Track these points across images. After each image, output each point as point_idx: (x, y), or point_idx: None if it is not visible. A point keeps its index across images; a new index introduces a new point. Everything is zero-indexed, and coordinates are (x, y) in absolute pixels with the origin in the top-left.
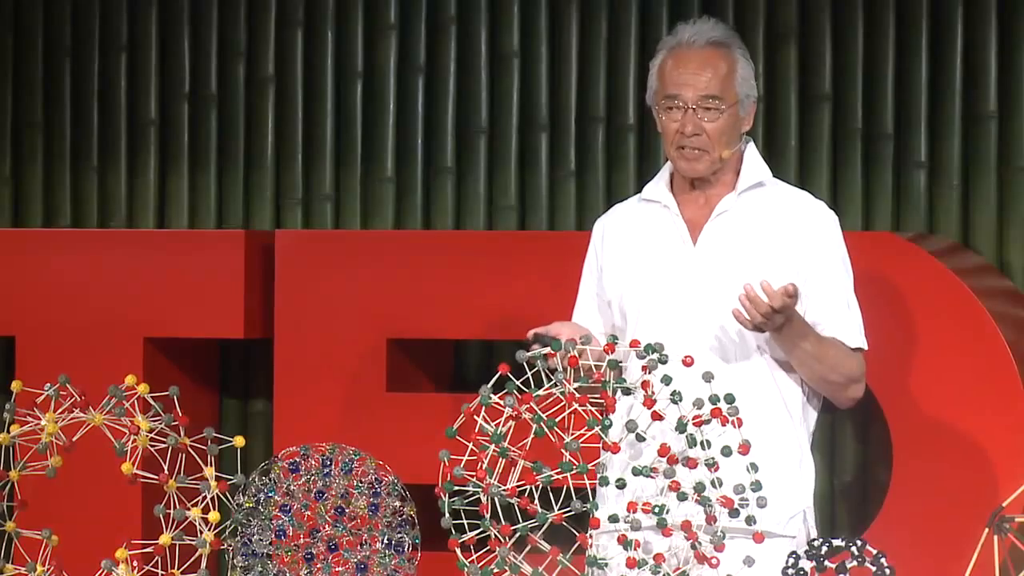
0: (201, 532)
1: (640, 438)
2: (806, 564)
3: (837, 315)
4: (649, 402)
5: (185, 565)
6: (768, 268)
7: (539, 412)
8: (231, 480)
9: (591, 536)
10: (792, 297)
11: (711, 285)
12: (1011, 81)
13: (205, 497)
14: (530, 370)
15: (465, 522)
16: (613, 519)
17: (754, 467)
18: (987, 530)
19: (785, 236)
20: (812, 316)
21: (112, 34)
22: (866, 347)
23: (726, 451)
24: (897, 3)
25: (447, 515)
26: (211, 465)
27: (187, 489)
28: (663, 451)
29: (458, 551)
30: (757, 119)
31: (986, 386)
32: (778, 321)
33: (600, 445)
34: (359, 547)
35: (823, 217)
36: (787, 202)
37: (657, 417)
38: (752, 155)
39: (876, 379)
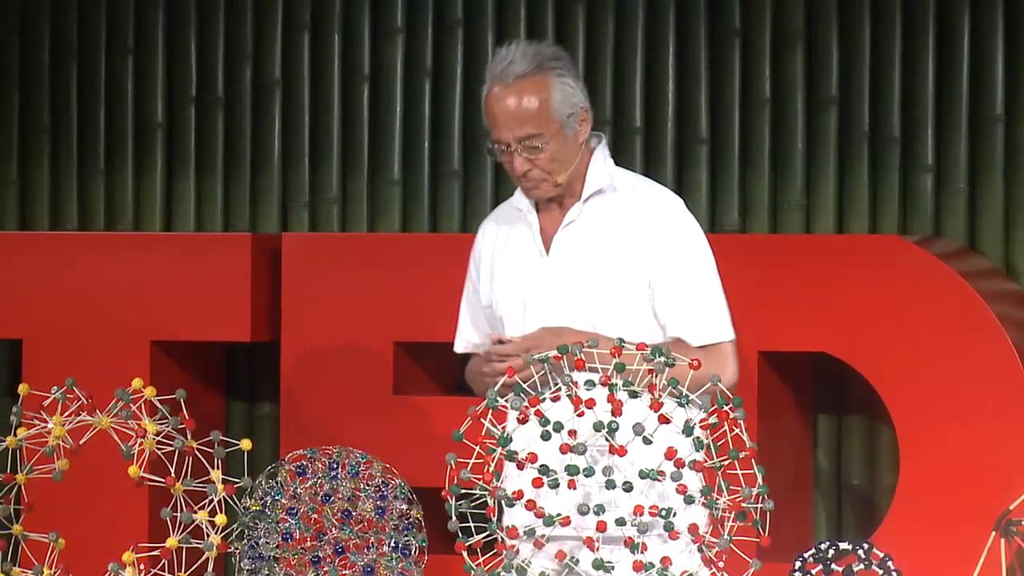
0: (208, 535)
1: (647, 441)
2: (813, 568)
3: (689, 314)
4: (656, 405)
5: (192, 568)
6: (616, 272)
7: (546, 415)
8: (238, 483)
9: (597, 540)
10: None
11: (563, 294)
12: (1018, 84)
13: (212, 500)
14: (536, 373)
15: (472, 525)
16: (620, 522)
17: (761, 469)
18: (994, 533)
19: (631, 237)
20: (663, 316)
21: (119, 38)
22: (730, 336)
23: (732, 455)
24: (904, 6)
25: (454, 518)
26: (218, 468)
27: (194, 492)
28: (670, 454)
29: (465, 554)
30: (764, 121)
31: (992, 389)
32: (546, 348)
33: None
34: (366, 550)
35: (667, 210)
36: (632, 202)
37: (664, 420)
38: (597, 161)
39: (883, 381)
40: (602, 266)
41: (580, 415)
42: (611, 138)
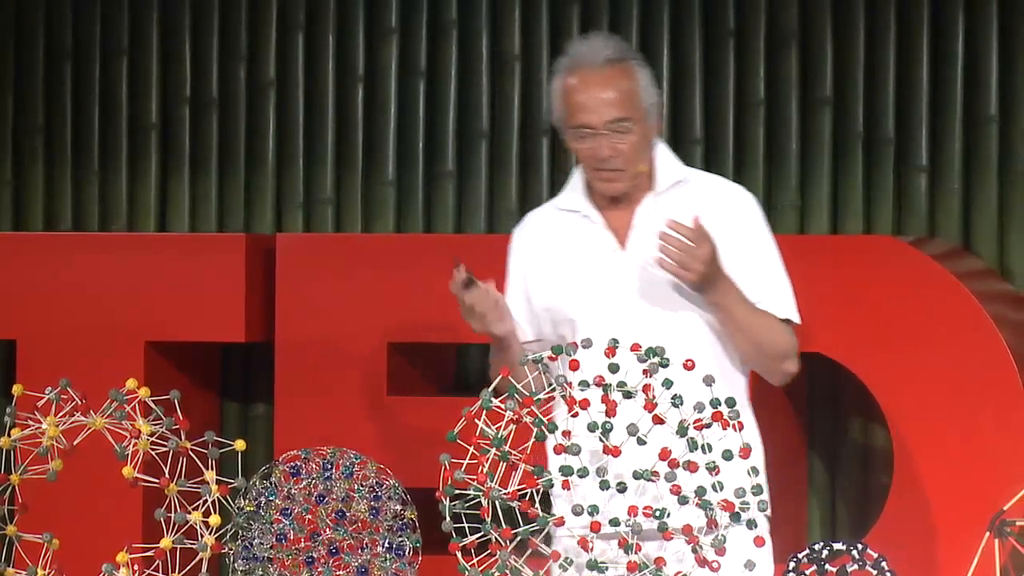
0: (202, 536)
1: (641, 442)
2: (807, 568)
3: (765, 289)
4: (650, 405)
5: (186, 569)
6: None
7: (540, 416)
8: (232, 484)
9: (592, 541)
10: (698, 228)
11: (645, 285)
12: (1012, 84)
13: (206, 501)
14: (531, 373)
15: (466, 526)
16: (614, 523)
17: (755, 471)
18: (988, 534)
19: (709, 227)
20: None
21: (113, 38)
22: (798, 320)
23: (727, 455)
24: (898, 7)
25: (448, 519)
26: (212, 469)
27: (188, 493)
28: (664, 454)
29: (459, 555)
30: (758, 122)
31: (987, 390)
32: (699, 261)
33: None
34: (360, 551)
35: (740, 200)
36: (705, 193)
37: (658, 421)
38: (664, 154)
39: (877, 382)
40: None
41: (574, 415)
42: None
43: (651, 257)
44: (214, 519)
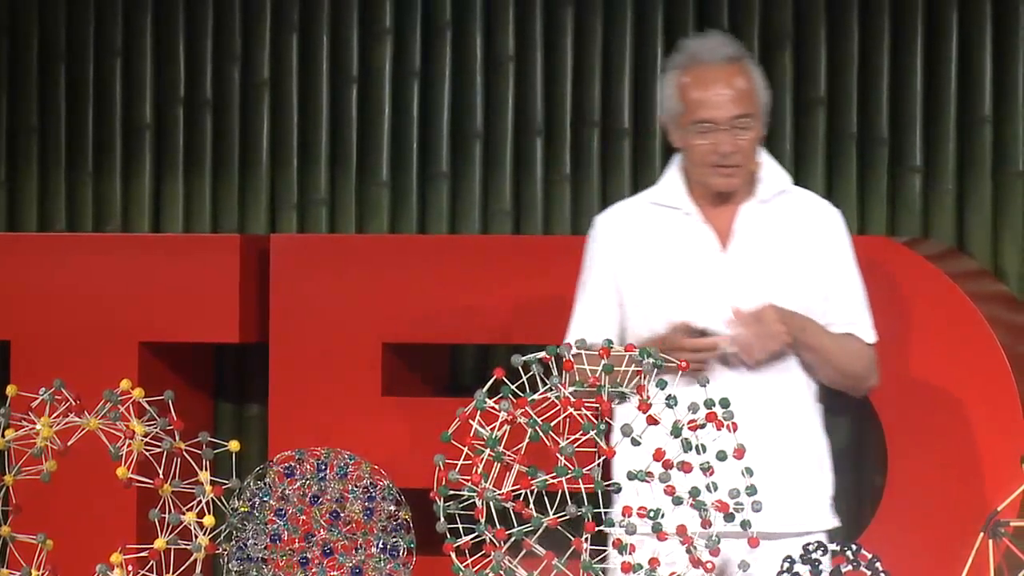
0: (196, 536)
1: (635, 443)
2: (801, 568)
3: (853, 314)
4: (644, 406)
5: (180, 569)
6: (792, 273)
7: (534, 416)
8: (226, 484)
9: (586, 540)
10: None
11: (744, 289)
12: (1006, 85)
13: (200, 501)
14: (525, 374)
15: (460, 526)
16: (608, 523)
17: (749, 471)
18: (982, 534)
19: (805, 240)
20: (830, 316)
21: (107, 38)
22: (875, 340)
23: (721, 456)
24: (892, 7)
25: (442, 519)
26: (206, 469)
27: (182, 493)
28: (658, 455)
29: (453, 555)
30: None
31: (981, 390)
32: (777, 334)
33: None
34: (354, 551)
35: (833, 218)
36: (802, 208)
37: (653, 421)
38: (768, 160)
39: None
40: (780, 263)
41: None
42: (600, 139)
43: (753, 261)
44: (208, 520)
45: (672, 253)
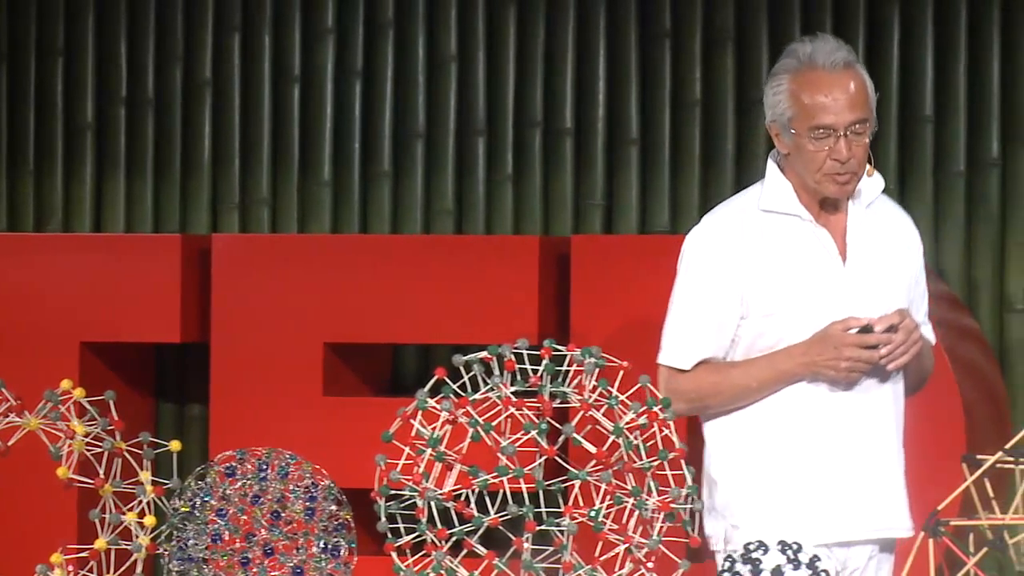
0: (137, 536)
1: (576, 441)
2: (742, 568)
3: (924, 315)
4: (585, 406)
5: (121, 570)
6: (899, 275)
7: (476, 416)
8: (167, 484)
9: (527, 540)
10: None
11: (864, 301)
12: (947, 85)
13: (141, 501)
14: (467, 374)
15: (401, 526)
16: (550, 523)
17: (690, 469)
18: (923, 534)
19: (900, 246)
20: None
21: (49, 39)
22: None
23: (662, 455)
24: (834, 7)
25: (383, 519)
26: (147, 469)
27: (123, 493)
28: (599, 455)
29: (394, 555)
30: (694, 122)
31: (923, 390)
32: (914, 338)
33: (536, 449)
34: (295, 551)
35: (912, 224)
36: (892, 211)
37: (593, 421)
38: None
39: None
40: (892, 272)
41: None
42: (542, 139)
43: (870, 270)
44: (149, 520)
45: (794, 261)
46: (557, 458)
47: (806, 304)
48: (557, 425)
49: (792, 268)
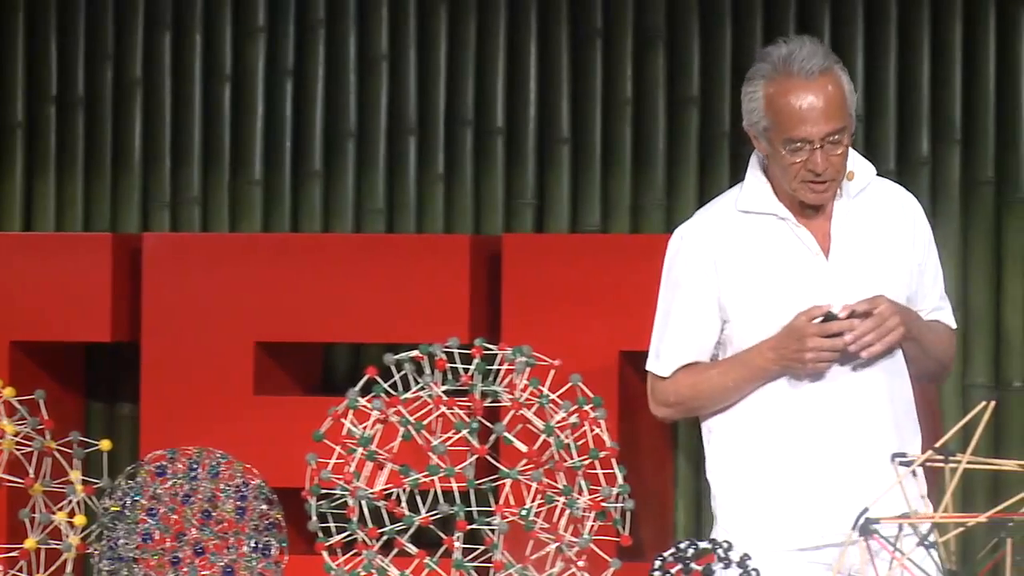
0: (67, 536)
1: (507, 440)
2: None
3: (937, 298)
4: (516, 405)
5: (51, 569)
6: (891, 266)
7: (407, 415)
8: (97, 484)
9: (458, 539)
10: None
11: (849, 296)
12: (877, 85)
13: (71, 501)
14: (398, 373)
15: (332, 525)
16: (481, 522)
17: (621, 468)
18: (852, 531)
19: (893, 231)
20: (918, 303)
21: None
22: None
23: (593, 454)
24: (765, 6)
25: (314, 518)
26: (77, 469)
27: (53, 493)
28: (530, 453)
29: (325, 554)
30: (626, 121)
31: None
32: (895, 326)
33: (467, 448)
34: (226, 551)
35: (915, 205)
36: (886, 197)
37: (524, 420)
38: (854, 157)
39: None
40: (881, 263)
41: (434, 415)
42: (473, 138)
43: (854, 267)
44: (79, 519)
45: (774, 261)
46: (488, 457)
47: (789, 303)
48: (488, 424)
49: (772, 268)
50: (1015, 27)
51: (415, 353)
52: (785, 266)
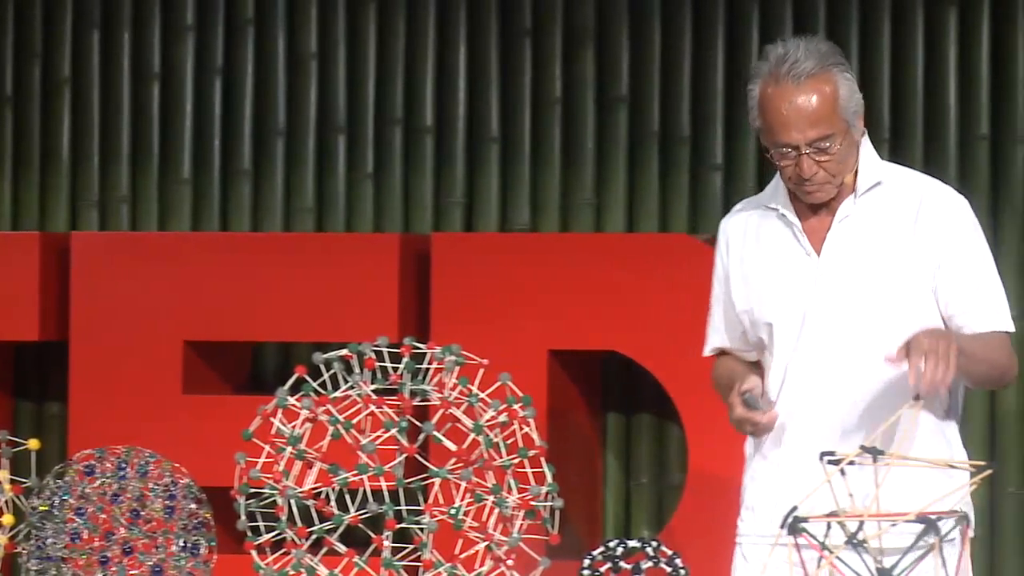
0: None
1: (436, 439)
2: (602, 567)
3: (975, 300)
4: (445, 404)
5: None
6: (896, 267)
7: (336, 414)
8: (25, 483)
9: (387, 538)
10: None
11: (841, 295)
12: None
13: None
14: (327, 372)
15: (261, 524)
16: (410, 521)
17: (550, 467)
18: (781, 530)
19: (908, 233)
20: (949, 308)
21: None
22: (1011, 329)
23: (522, 453)
24: (694, 6)
25: (243, 517)
26: (5, 468)
27: None
28: (460, 452)
29: (254, 553)
30: (555, 120)
31: None
32: (951, 357)
33: (397, 447)
34: (155, 550)
35: (945, 204)
36: (906, 196)
37: (453, 419)
38: (868, 154)
39: (671, 380)
40: (880, 263)
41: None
42: (403, 137)
43: (844, 264)
44: (7, 519)
45: (768, 257)
46: (417, 456)
47: (778, 302)
48: (417, 423)
49: (765, 264)
50: (943, 27)
51: (344, 352)
52: (777, 262)
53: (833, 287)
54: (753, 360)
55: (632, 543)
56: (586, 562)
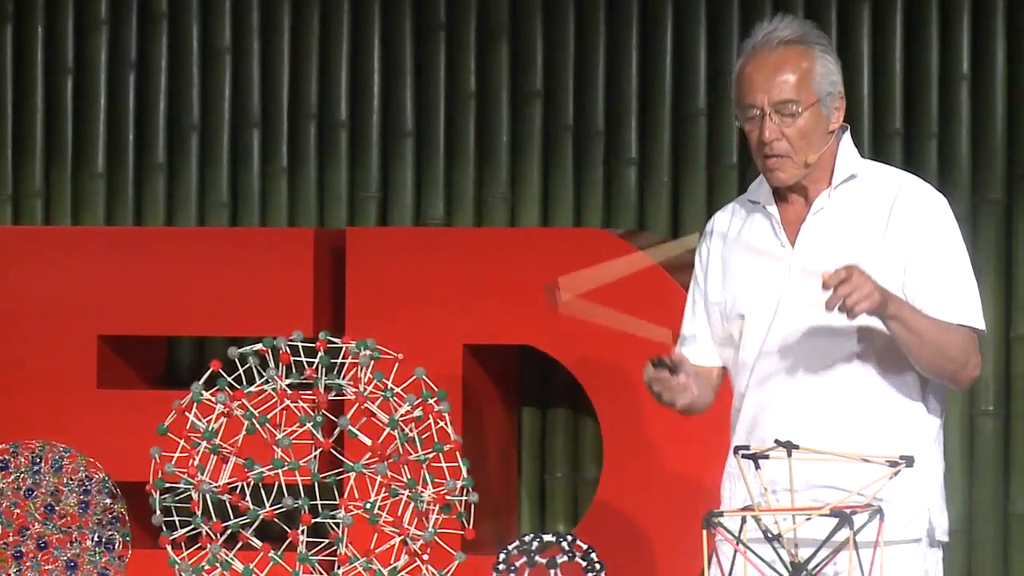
0: None
1: (351, 434)
2: (519, 562)
3: (941, 296)
4: (360, 398)
5: None
6: (867, 260)
7: (251, 408)
8: None
9: (302, 532)
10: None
11: (809, 287)
12: (720, 80)
13: None
14: (242, 366)
15: (176, 519)
16: (326, 516)
17: (466, 461)
18: (706, 530)
19: (884, 223)
20: (917, 300)
21: None
22: (980, 326)
23: (437, 447)
24: (608, 2)
25: (158, 512)
26: None
27: None
28: (375, 447)
29: (169, 548)
30: (469, 115)
31: None
32: (867, 291)
33: (312, 442)
34: (69, 545)
35: (919, 199)
36: (882, 190)
37: (368, 414)
38: (846, 147)
39: (586, 375)
40: (852, 255)
41: (294, 410)
42: (317, 132)
43: (811, 260)
44: None
45: (744, 251)
46: (332, 451)
47: (750, 291)
48: (332, 418)
49: (743, 256)
50: (857, 19)
51: (259, 346)
52: (750, 256)
53: (804, 278)
54: (706, 366)
55: (547, 537)
56: (501, 556)
